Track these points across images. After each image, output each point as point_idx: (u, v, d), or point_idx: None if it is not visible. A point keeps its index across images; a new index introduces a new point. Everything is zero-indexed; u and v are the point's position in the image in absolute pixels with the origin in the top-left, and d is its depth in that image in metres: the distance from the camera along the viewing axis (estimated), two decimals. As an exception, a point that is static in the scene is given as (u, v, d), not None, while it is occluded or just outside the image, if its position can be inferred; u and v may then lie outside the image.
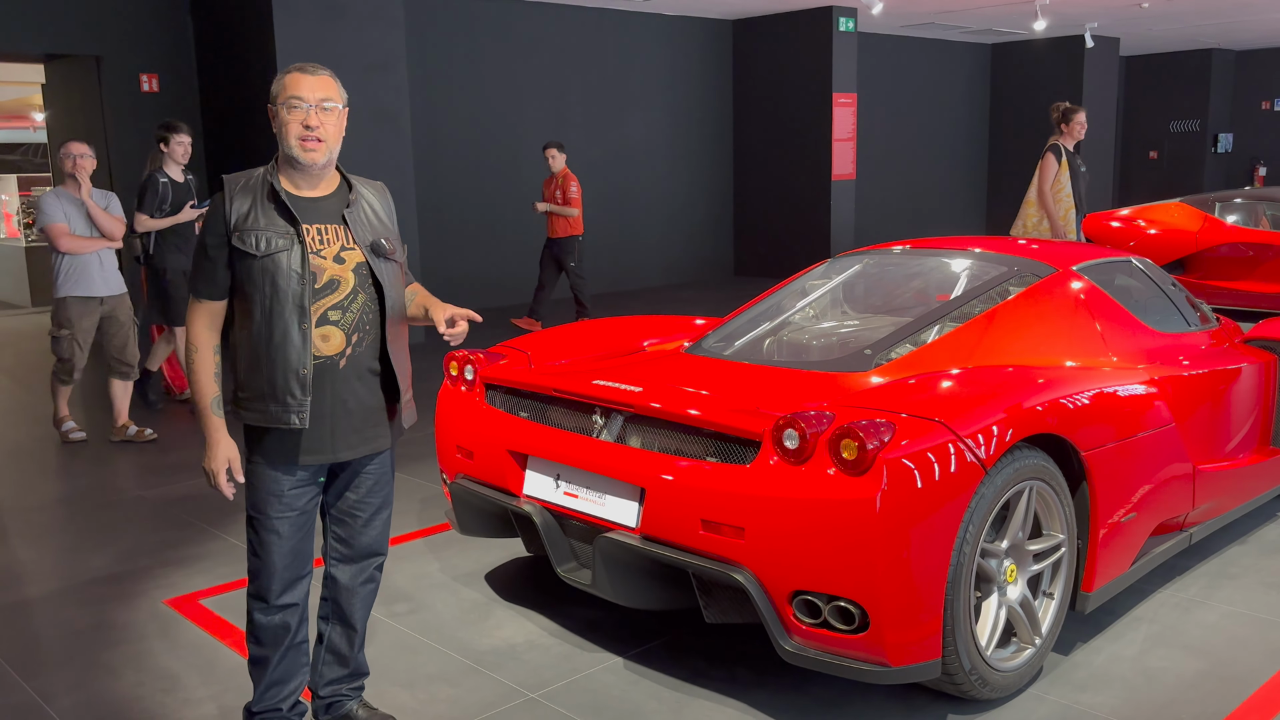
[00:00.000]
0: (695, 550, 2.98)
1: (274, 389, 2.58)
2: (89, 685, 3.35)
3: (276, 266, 2.55)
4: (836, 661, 2.84)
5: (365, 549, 2.86)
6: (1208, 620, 3.62)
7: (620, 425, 3.33)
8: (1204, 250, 9.69)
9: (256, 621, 2.73)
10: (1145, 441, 3.47)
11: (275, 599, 2.70)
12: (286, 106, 2.58)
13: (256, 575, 2.71)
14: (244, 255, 2.56)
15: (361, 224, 2.70)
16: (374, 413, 2.72)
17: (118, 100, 9.40)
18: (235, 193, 2.59)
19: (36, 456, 6.08)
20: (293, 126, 2.58)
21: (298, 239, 2.58)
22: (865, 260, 4.49)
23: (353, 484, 2.79)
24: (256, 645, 2.75)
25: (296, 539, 2.70)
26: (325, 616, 2.90)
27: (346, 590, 2.86)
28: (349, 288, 2.64)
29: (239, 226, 2.56)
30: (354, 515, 2.81)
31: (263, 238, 2.56)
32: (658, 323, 4.58)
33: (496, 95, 11.60)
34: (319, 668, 2.90)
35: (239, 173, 2.66)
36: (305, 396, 2.59)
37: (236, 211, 2.57)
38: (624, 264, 13.09)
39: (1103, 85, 17.18)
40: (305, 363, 2.58)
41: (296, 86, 2.58)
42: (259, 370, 2.58)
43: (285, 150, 2.61)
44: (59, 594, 4.08)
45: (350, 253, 2.65)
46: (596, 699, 3.18)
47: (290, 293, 2.56)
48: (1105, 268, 4.18)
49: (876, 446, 2.71)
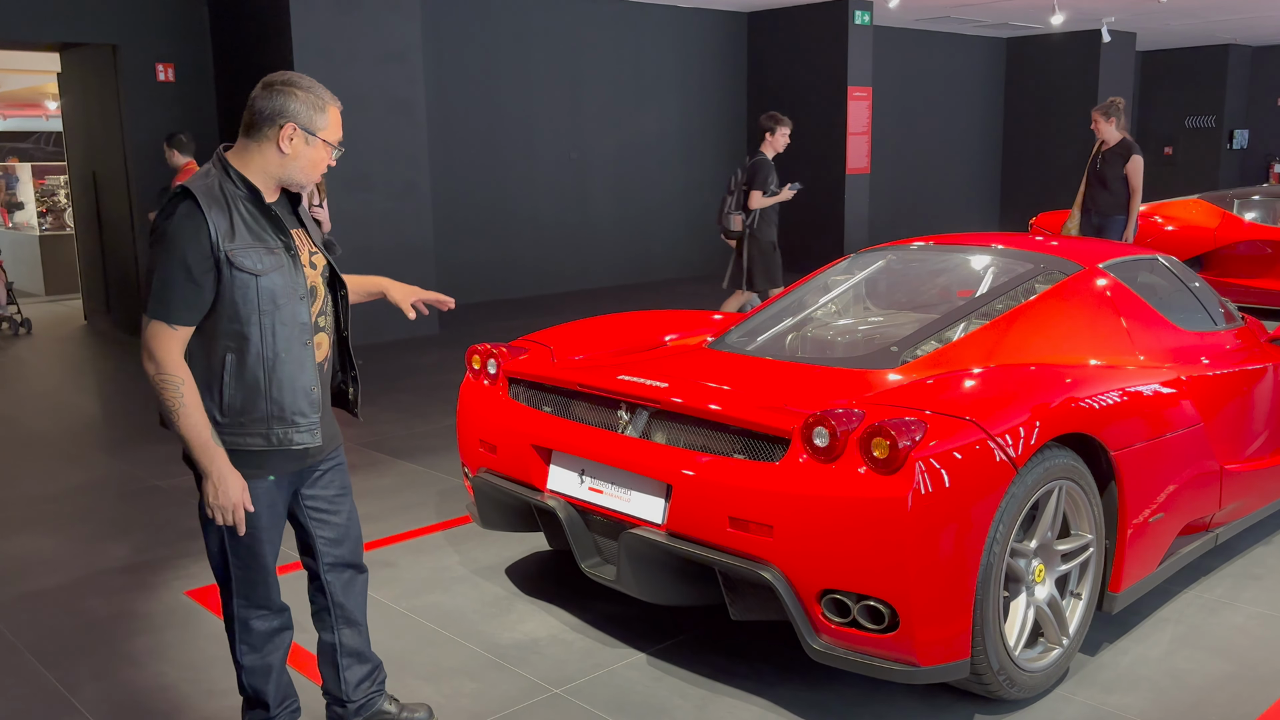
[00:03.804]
0: (722, 548, 2.97)
1: (282, 411, 2.46)
2: (112, 675, 3.36)
3: (274, 284, 2.42)
4: (865, 661, 2.82)
5: (354, 547, 2.78)
6: (1234, 621, 3.60)
7: (645, 421, 3.32)
8: (1222, 247, 9.63)
9: (260, 630, 2.63)
10: (1173, 441, 3.45)
11: (277, 603, 2.65)
12: (326, 144, 2.49)
13: (254, 586, 2.59)
14: (240, 275, 2.37)
15: (310, 225, 2.65)
16: (329, 407, 2.70)
17: (133, 90, 9.38)
18: (210, 205, 2.37)
19: (56, 445, 6.09)
20: (322, 166, 2.51)
21: (287, 251, 2.47)
22: (889, 256, 4.46)
23: (323, 482, 2.69)
24: (259, 655, 2.64)
25: (280, 539, 2.63)
26: (329, 626, 2.80)
27: (345, 591, 2.77)
28: (323, 292, 2.59)
29: (226, 244, 2.36)
30: (334, 513, 2.72)
31: (256, 254, 2.40)
32: (678, 317, 4.56)
33: (510, 86, 11.57)
34: (342, 675, 2.81)
35: (192, 181, 2.42)
36: (315, 414, 2.52)
37: (218, 226, 2.36)
38: (636, 256, 13.06)
39: (1119, 81, 17.08)
40: (314, 380, 2.51)
41: (340, 128, 2.51)
42: (259, 394, 2.43)
43: (296, 177, 2.49)
44: (79, 583, 4.08)
45: (316, 256, 2.59)
46: (620, 695, 3.17)
47: (293, 309, 2.45)
48: (1131, 265, 4.15)
49: (908, 445, 2.69)
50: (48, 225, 12.81)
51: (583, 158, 12.38)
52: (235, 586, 2.60)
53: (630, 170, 12.89)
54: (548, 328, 4.34)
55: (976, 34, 16.78)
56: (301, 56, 8.51)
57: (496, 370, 3.86)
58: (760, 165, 7.63)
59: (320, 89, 2.50)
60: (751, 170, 7.64)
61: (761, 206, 7.65)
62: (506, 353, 3.88)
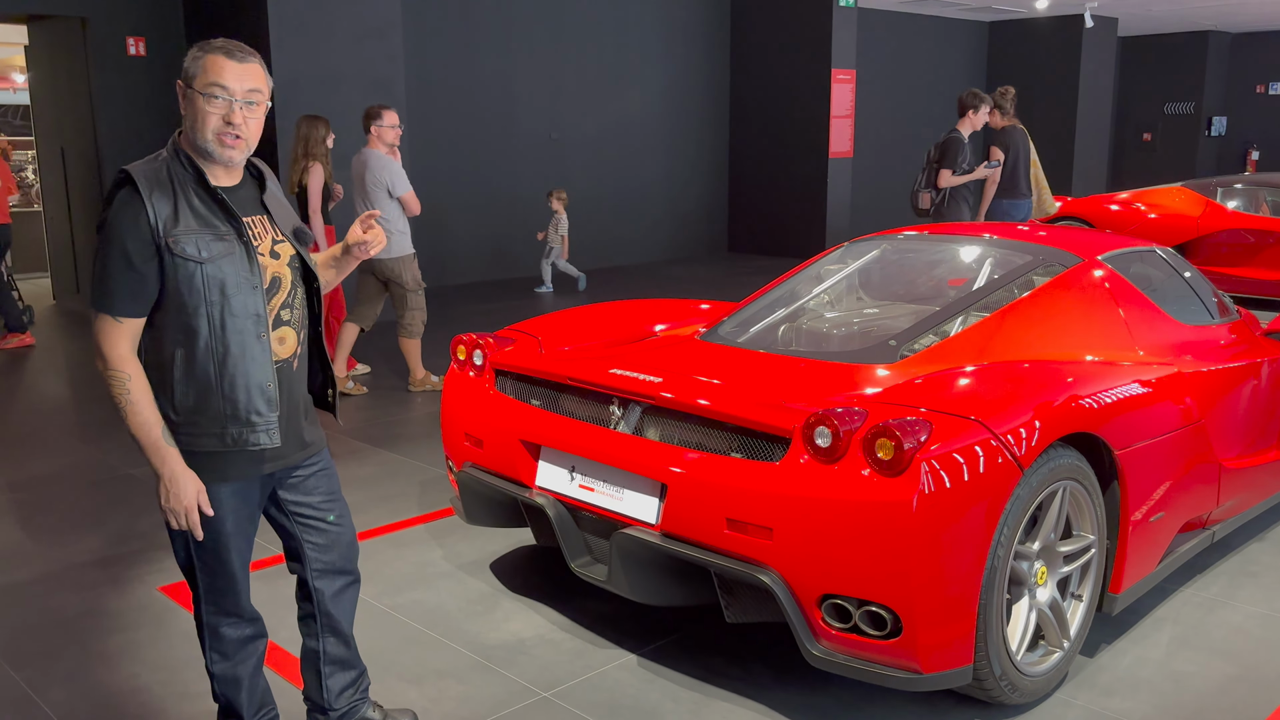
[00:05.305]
0: (719, 549, 2.88)
1: (235, 409, 2.31)
2: (82, 676, 3.23)
3: (223, 272, 2.26)
4: (866, 667, 2.74)
5: (347, 553, 2.65)
6: (1232, 621, 3.55)
7: (638, 416, 3.22)
8: (1205, 236, 9.62)
9: (230, 638, 2.51)
10: (1176, 439, 3.38)
11: (248, 610, 2.53)
12: (206, 95, 2.24)
13: (222, 593, 2.45)
14: (183, 263, 2.23)
15: (278, 211, 2.46)
16: (311, 410, 2.56)
17: (104, 64, 9.15)
18: (152, 189, 2.23)
19: (23, 431, 5.92)
20: (212, 119, 2.25)
21: (239, 238, 2.31)
22: (883, 246, 4.37)
23: (307, 487, 2.56)
24: (230, 664, 2.52)
25: (249, 545, 2.50)
26: (314, 633, 2.68)
27: (334, 600, 2.65)
28: (289, 284, 2.42)
29: (169, 230, 2.22)
30: (323, 519, 2.59)
31: (202, 241, 2.25)
32: (667, 307, 4.46)
33: (491, 65, 11.38)
34: (325, 682, 2.70)
35: (140, 164, 2.28)
36: (272, 413, 2.36)
37: (160, 212, 2.22)
38: (616, 239, 12.93)
39: (1100, 66, 17.07)
40: (270, 376, 2.35)
41: (220, 73, 2.24)
42: (211, 391, 2.29)
43: (198, 141, 2.29)
44: (48, 579, 3.95)
45: (281, 245, 2.42)
46: (611, 698, 3.08)
47: (244, 300, 2.29)
48: (1130, 257, 4.08)
49: (914, 446, 2.61)
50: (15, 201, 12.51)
51: (563, 138, 12.21)
52: (203, 594, 2.48)
53: (611, 151, 12.74)
54: (533, 317, 4.23)
55: (959, 17, 16.70)
56: (277, 32, 8.30)
57: (483, 361, 3.74)
58: (951, 142, 7.31)
59: (217, 41, 2.29)
60: (943, 147, 7.33)
61: (950, 185, 7.31)
62: (493, 343, 3.76)
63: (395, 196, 6.26)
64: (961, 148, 7.31)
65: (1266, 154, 19.67)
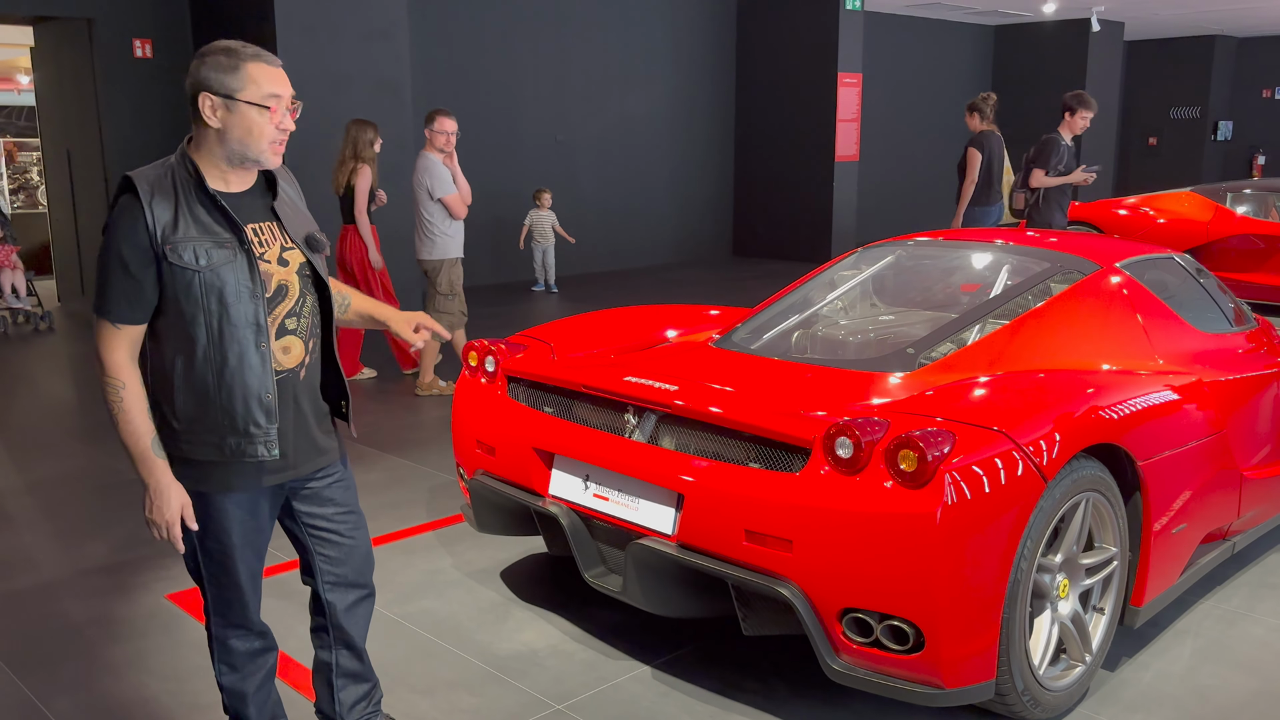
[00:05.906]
0: (737, 561, 2.83)
1: (233, 420, 2.26)
2: (89, 685, 3.19)
3: (221, 280, 2.22)
4: (887, 683, 2.70)
5: (361, 567, 2.60)
6: (1254, 634, 3.50)
7: (654, 425, 3.17)
8: (1214, 241, 9.57)
9: (239, 650, 2.47)
10: (1198, 449, 3.34)
11: (256, 623, 2.49)
12: (261, 106, 2.22)
13: (230, 605, 2.42)
14: (181, 270, 2.19)
15: (290, 217, 2.39)
16: (325, 419, 2.49)
17: (109, 65, 9.12)
18: (153, 196, 2.19)
19: (29, 434, 5.89)
20: (269, 129, 2.23)
21: (240, 246, 2.25)
22: (898, 252, 4.32)
23: (321, 499, 2.50)
24: (238, 676, 2.48)
25: (259, 557, 2.45)
26: (327, 645, 2.63)
27: (347, 614, 2.60)
28: (297, 292, 2.36)
29: (168, 237, 2.18)
30: (337, 532, 2.53)
31: (201, 248, 2.20)
32: (679, 312, 4.41)
33: (497, 68, 11.35)
34: (337, 695, 2.65)
35: (145, 169, 2.25)
36: (271, 424, 2.29)
37: (159, 219, 2.18)
38: (621, 241, 12.90)
39: (1106, 69, 17.03)
40: (268, 386, 2.28)
41: (273, 81, 2.23)
42: (209, 400, 2.25)
43: (243, 150, 2.25)
44: (55, 585, 3.91)
45: (291, 253, 2.35)
46: (626, 711, 3.03)
47: (242, 309, 2.24)
48: (1148, 264, 4.03)
49: (937, 458, 2.56)
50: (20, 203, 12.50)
51: (568, 140, 12.18)
52: (211, 605, 2.44)
53: (616, 154, 12.71)
54: (544, 323, 4.19)
55: (965, 21, 16.67)
56: (283, 34, 8.27)
57: (495, 368, 3.70)
58: (1048, 144, 7.28)
59: (239, 47, 2.24)
60: (1039, 148, 7.33)
61: (1043, 186, 7.30)
62: (505, 350, 3.72)
63: (436, 199, 6.29)
64: (1058, 149, 7.27)
65: (1273, 158, 19.62)
